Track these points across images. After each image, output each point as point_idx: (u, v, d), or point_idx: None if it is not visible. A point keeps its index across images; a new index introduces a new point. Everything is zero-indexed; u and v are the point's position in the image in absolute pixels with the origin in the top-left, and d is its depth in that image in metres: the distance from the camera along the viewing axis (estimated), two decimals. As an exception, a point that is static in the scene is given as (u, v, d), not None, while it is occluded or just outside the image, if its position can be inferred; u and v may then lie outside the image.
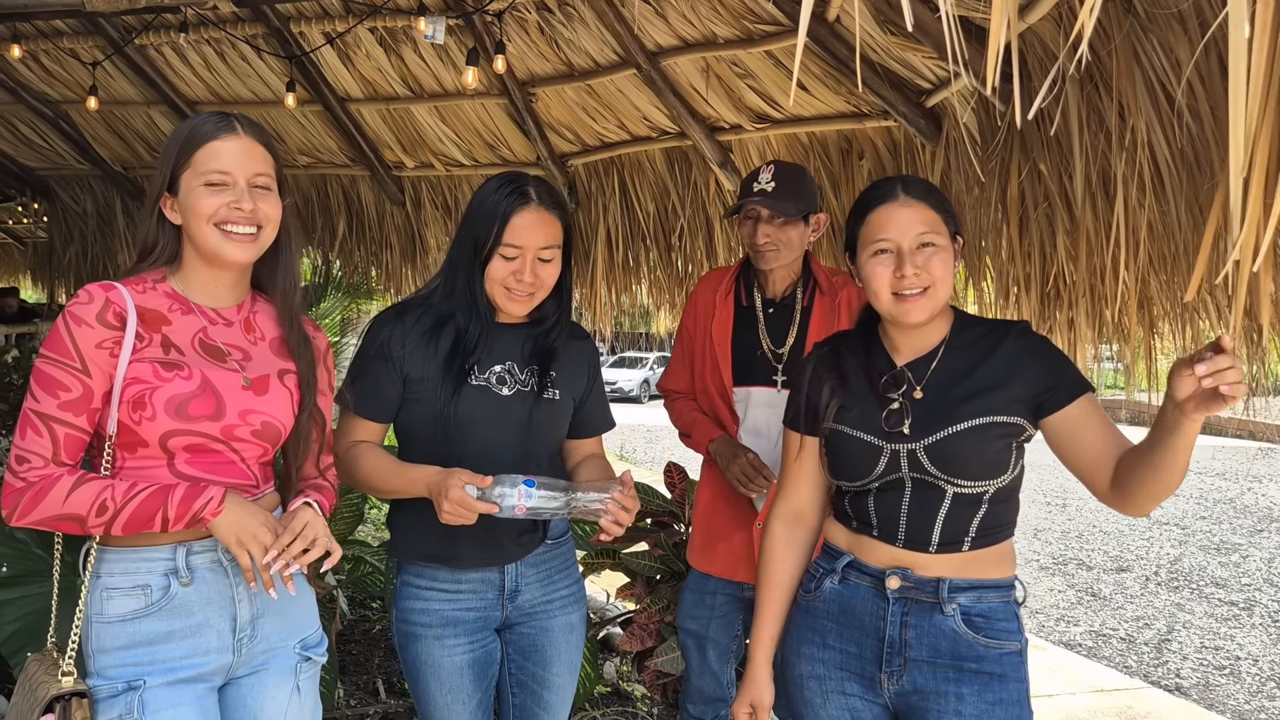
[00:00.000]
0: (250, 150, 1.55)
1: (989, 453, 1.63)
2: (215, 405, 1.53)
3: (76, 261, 6.94)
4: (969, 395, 1.65)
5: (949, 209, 1.70)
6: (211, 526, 1.47)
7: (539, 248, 1.86)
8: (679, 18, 3.77)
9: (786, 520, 1.84)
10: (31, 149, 6.35)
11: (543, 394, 1.92)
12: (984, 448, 1.63)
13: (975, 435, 1.63)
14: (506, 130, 4.89)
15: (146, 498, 1.45)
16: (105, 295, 1.49)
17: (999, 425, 1.63)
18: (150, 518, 1.45)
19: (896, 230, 1.66)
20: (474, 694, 1.93)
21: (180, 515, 1.45)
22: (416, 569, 1.93)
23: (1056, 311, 2.86)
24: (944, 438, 1.63)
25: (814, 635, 1.76)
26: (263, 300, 1.69)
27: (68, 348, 1.47)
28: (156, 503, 1.45)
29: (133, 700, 1.47)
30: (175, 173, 1.54)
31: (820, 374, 1.78)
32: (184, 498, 1.45)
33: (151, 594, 1.51)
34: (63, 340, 1.47)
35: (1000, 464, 1.65)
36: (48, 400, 1.46)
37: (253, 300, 1.67)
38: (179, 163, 1.54)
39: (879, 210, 1.69)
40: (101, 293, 1.49)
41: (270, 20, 4.61)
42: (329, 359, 1.76)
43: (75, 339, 1.47)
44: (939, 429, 1.64)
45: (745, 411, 2.46)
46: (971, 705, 1.63)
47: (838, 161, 4.02)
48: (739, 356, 2.45)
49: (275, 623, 1.62)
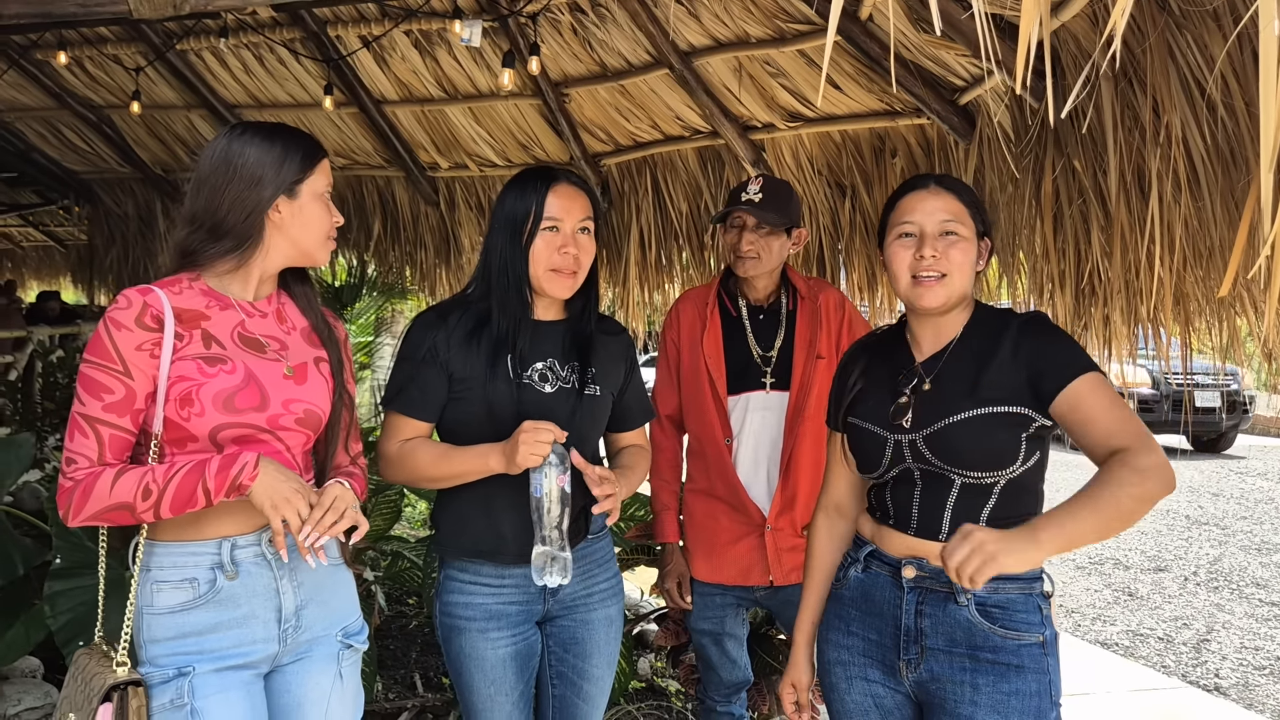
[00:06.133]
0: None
1: (991, 443, 1.64)
2: (260, 396, 1.58)
3: (118, 264, 7.07)
4: (970, 386, 1.67)
5: (980, 208, 1.74)
6: (250, 493, 1.50)
7: (578, 219, 1.94)
8: (712, 18, 3.79)
9: (828, 512, 1.93)
10: (75, 153, 6.48)
11: (584, 390, 1.96)
12: (985, 438, 1.64)
13: (974, 425, 1.64)
14: (540, 130, 4.93)
15: (185, 474, 1.49)
16: (142, 299, 1.54)
17: (1001, 415, 1.64)
18: (192, 493, 1.49)
19: (921, 214, 1.71)
20: (516, 686, 1.96)
21: (220, 485, 1.49)
22: (460, 564, 1.97)
23: (1092, 308, 2.85)
24: (942, 428, 1.66)
25: (840, 622, 1.81)
26: (285, 293, 1.76)
27: (109, 351, 1.52)
28: (195, 477, 1.49)
29: (183, 686, 1.52)
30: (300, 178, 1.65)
31: (847, 370, 1.85)
32: (220, 467, 1.49)
33: (199, 587, 1.56)
34: (104, 344, 1.52)
35: (1007, 455, 1.65)
36: (92, 403, 1.51)
37: (278, 294, 1.73)
38: (304, 171, 1.65)
39: (908, 197, 1.75)
40: (139, 297, 1.54)
41: (308, 24, 4.68)
42: (348, 347, 1.82)
43: (116, 342, 1.52)
44: (938, 420, 1.67)
45: (742, 419, 2.49)
46: (987, 695, 1.64)
47: (870, 159, 4.02)
48: (731, 366, 2.49)
49: (318, 612, 1.67)
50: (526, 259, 1.93)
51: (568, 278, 1.94)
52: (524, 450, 1.76)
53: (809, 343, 2.47)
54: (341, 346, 1.75)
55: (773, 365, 2.48)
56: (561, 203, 1.92)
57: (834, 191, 4.21)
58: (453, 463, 1.89)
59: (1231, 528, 7.65)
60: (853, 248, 4.20)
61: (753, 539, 2.47)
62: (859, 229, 4.16)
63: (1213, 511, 8.22)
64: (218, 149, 1.65)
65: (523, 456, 1.76)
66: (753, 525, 2.48)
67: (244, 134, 1.66)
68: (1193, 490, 9.09)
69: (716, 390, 2.47)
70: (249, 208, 1.62)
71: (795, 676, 1.91)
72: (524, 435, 1.76)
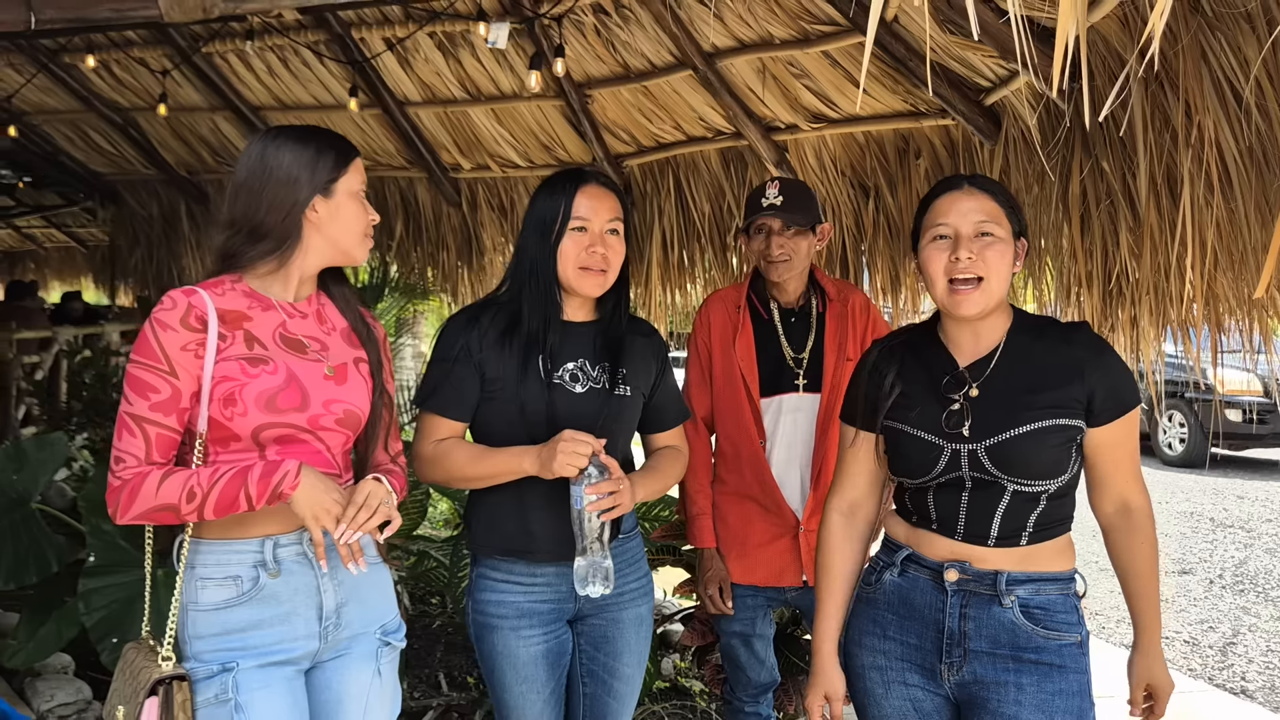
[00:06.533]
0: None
1: (1049, 454, 1.66)
2: (301, 397, 1.60)
3: (142, 264, 7.14)
4: (1030, 397, 1.67)
5: (1015, 208, 1.72)
6: (291, 502, 1.53)
7: (606, 220, 1.96)
8: (735, 19, 3.79)
9: (843, 512, 1.88)
10: (101, 155, 6.55)
11: (614, 390, 1.97)
12: (1045, 449, 1.65)
13: (1036, 437, 1.65)
14: (562, 132, 4.95)
15: (229, 480, 1.52)
16: (187, 300, 1.57)
17: (1060, 428, 1.66)
18: (234, 498, 1.52)
19: (956, 216, 1.69)
20: (547, 683, 1.98)
21: (261, 492, 1.52)
22: (493, 562, 1.99)
23: (1119, 310, 2.84)
24: (1005, 439, 1.66)
25: (875, 627, 1.80)
26: (325, 294, 1.78)
27: (155, 351, 1.55)
28: (238, 483, 1.52)
29: (227, 681, 1.55)
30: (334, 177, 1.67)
31: (881, 370, 1.81)
32: (262, 474, 1.52)
33: (242, 584, 1.58)
34: (150, 345, 1.55)
35: (1060, 464, 1.67)
36: (139, 402, 1.54)
37: (318, 295, 1.76)
38: (336, 173, 1.67)
39: (942, 198, 1.73)
40: (183, 298, 1.57)
41: (332, 27, 4.71)
42: (387, 348, 1.84)
43: (161, 343, 1.54)
44: (1001, 431, 1.66)
45: (775, 421, 2.50)
46: (1031, 695, 1.65)
47: (894, 160, 4.02)
48: (764, 369, 2.50)
49: (358, 610, 1.69)
50: (555, 259, 1.95)
51: (597, 276, 1.96)
52: (561, 459, 1.78)
53: (839, 345, 2.48)
54: (380, 347, 1.78)
55: (805, 367, 2.49)
56: (590, 203, 1.95)
57: (857, 192, 4.21)
58: (487, 464, 1.91)
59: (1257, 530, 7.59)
60: (876, 249, 4.20)
61: (786, 540, 2.48)
62: (882, 230, 4.16)
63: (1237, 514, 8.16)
64: (254, 153, 1.68)
65: (559, 465, 1.79)
66: (786, 527, 2.49)
67: (278, 137, 1.69)
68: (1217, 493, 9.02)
69: (750, 393, 2.48)
70: (286, 208, 1.64)
71: (829, 686, 1.82)
72: (563, 445, 1.78)
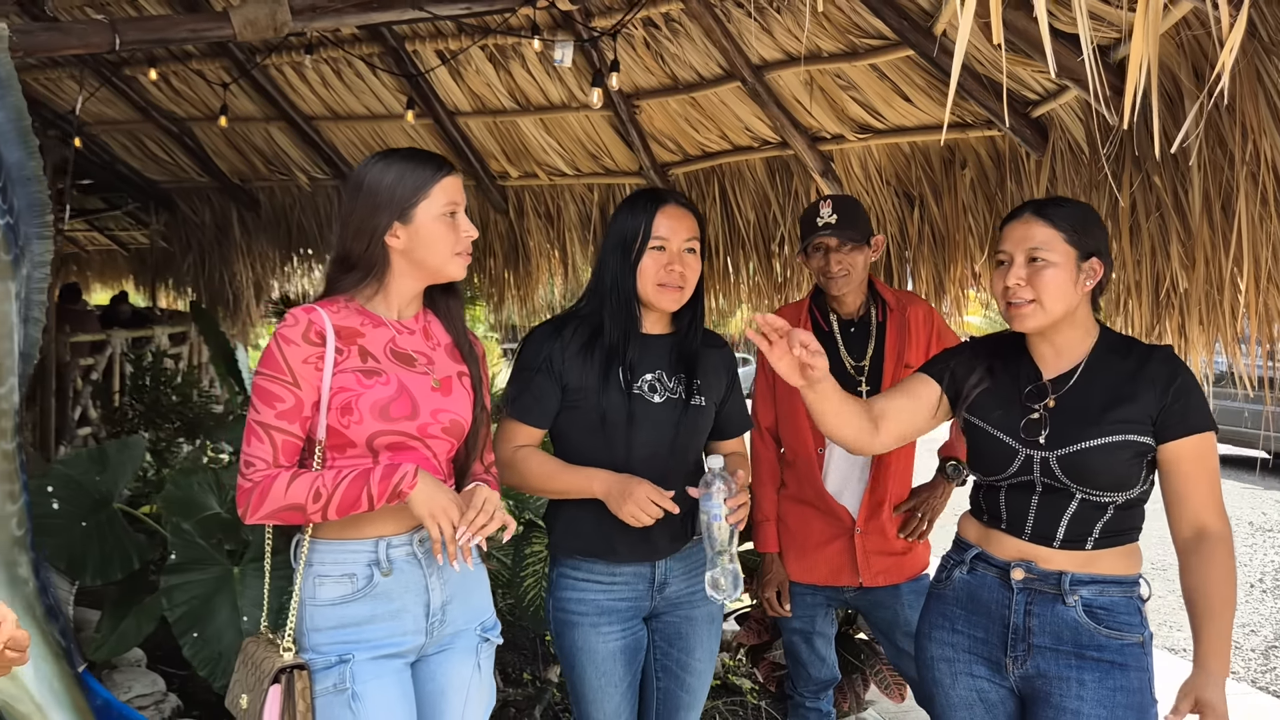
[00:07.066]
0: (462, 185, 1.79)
1: (1119, 467, 1.74)
2: (411, 407, 1.71)
3: (194, 269, 7.31)
4: (1104, 413, 1.76)
5: (1083, 230, 1.80)
6: (409, 500, 1.63)
7: (684, 239, 2.06)
8: (784, 33, 3.87)
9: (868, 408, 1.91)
10: (156, 163, 6.72)
11: (690, 400, 2.07)
12: (1114, 463, 1.74)
13: (1107, 451, 1.74)
14: (610, 141, 5.05)
15: (351, 481, 1.62)
16: (307, 317, 1.68)
17: (1130, 444, 1.74)
18: (357, 498, 1.62)
19: (1012, 243, 1.82)
20: (624, 678, 2.08)
21: (382, 492, 1.62)
22: (574, 562, 2.10)
23: (1167, 320, 2.90)
24: (1077, 450, 1.75)
25: (944, 621, 1.91)
26: (432, 311, 1.87)
27: (280, 364, 1.66)
28: (360, 484, 1.62)
29: (345, 671, 1.66)
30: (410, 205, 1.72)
31: (975, 359, 1.93)
32: (383, 475, 1.63)
33: (357, 581, 1.69)
34: (275, 358, 1.66)
35: (1130, 478, 1.76)
36: (266, 411, 1.66)
37: (424, 312, 1.85)
38: (416, 197, 1.72)
39: (1007, 226, 1.86)
40: (304, 315, 1.68)
41: (387, 40, 4.84)
42: (486, 364, 1.93)
43: (285, 356, 1.66)
44: (1074, 442, 1.76)
45: None
46: (1093, 690, 1.74)
47: (940, 170, 4.09)
48: None
49: (460, 608, 1.80)
50: (635, 275, 2.05)
51: (674, 292, 2.06)
52: (631, 509, 1.90)
53: (898, 353, 2.56)
54: (480, 363, 1.87)
55: (865, 375, 2.58)
56: (669, 223, 2.05)
57: (901, 202, 4.28)
58: (561, 480, 2.03)
59: (1295, 534, 7.58)
60: (920, 257, 4.27)
61: (842, 541, 2.58)
62: (926, 239, 4.23)
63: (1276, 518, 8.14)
64: (350, 184, 1.77)
65: (627, 513, 1.91)
66: (843, 529, 2.58)
67: (373, 163, 1.76)
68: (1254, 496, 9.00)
69: None
70: (367, 237, 1.73)
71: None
72: (639, 499, 1.90)
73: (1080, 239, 1.79)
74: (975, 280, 4.19)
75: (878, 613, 2.64)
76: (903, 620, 2.59)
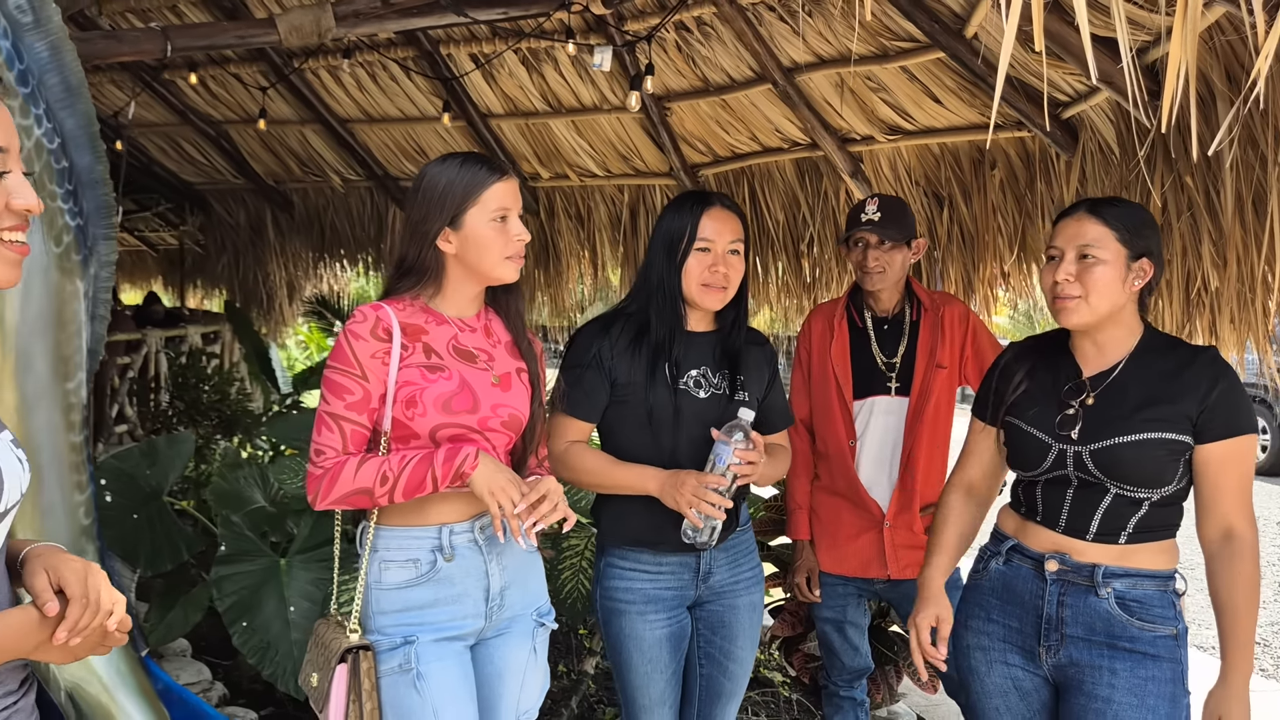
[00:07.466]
0: (517, 189, 1.83)
1: (1153, 464, 1.78)
2: (473, 401, 1.78)
3: (229, 269, 7.44)
4: (1142, 410, 1.80)
5: (1136, 230, 1.82)
6: (470, 481, 1.69)
7: (728, 241, 2.12)
8: (815, 35, 3.93)
9: (960, 490, 2.08)
10: (193, 165, 6.85)
11: (734, 396, 2.13)
12: (1147, 459, 1.78)
13: (1139, 447, 1.78)
14: (640, 143, 5.11)
15: (416, 464, 1.69)
16: (375, 314, 1.75)
17: (1165, 441, 1.78)
18: (422, 481, 1.69)
19: (1063, 239, 1.86)
20: (669, 664, 2.15)
21: (445, 473, 1.69)
22: (621, 552, 2.16)
23: (1198, 318, 2.94)
24: (1110, 446, 1.79)
25: (980, 610, 1.96)
26: (493, 309, 1.94)
27: (349, 358, 1.73)
28: (425, 467, 1.69)
29: (409, 652, 1.73)
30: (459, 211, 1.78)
31: (1012, 369, 1.98)
32: (446, 458, 1.69)
33: (421, 567, 1.77)
34: (345, 352, 1.74)
35: (1165, 475, 1.79)
36: (336, 402, 1.73)
37: (486, 310, 1.92)
38: (465, 203, 1.78)
39: (1060, 222, 1.90)
40: (372, 312, 1.75)
41: (422, 44, 4.93)
42: (543, 361, 2.00)
43: (355, 351, 1.73)
44: (1107, 437, 1.80)
45: (866, 421, 2.66)
46: (1124, 679, 1.79)
47: (969, 171, 4.13)
48: (857, 372, 2.66)
49: (518, 593, 1.87)
50: (680, 275, 2.12)
51: (718, 292, 2.12)
52: (689, 500, 1.95)
53: (930, 352, 2.62)
54: (538, 360, 1.94)
55: (897, 371, 2.64)
56: (714, 225, 2.11)
57: (931, 202, 4.33)
58: (613, 476, 2.09)
59: (1323, 535, 7.55)
60: (949, 257, 4.32)
61: (872, 534, 2.64)
62: (955, 239, 4.28)
63: (1303, 518, 8.11)
64: (413, 186, 1.83)
65: (682, 506, 1.97)
66: (873, 521, 2.64)
67: (431, 167, 1.81)
68: (1280, 496, 8.96)
69: (843, 394, 2.63)
70: (419, 243, 1.80)
71: (940, 610, 1.96)
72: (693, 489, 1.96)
73: (1132, 239, 1.82)
74: (1005, 280, 4.23)
75: (907, 605, 2.69)
76: None
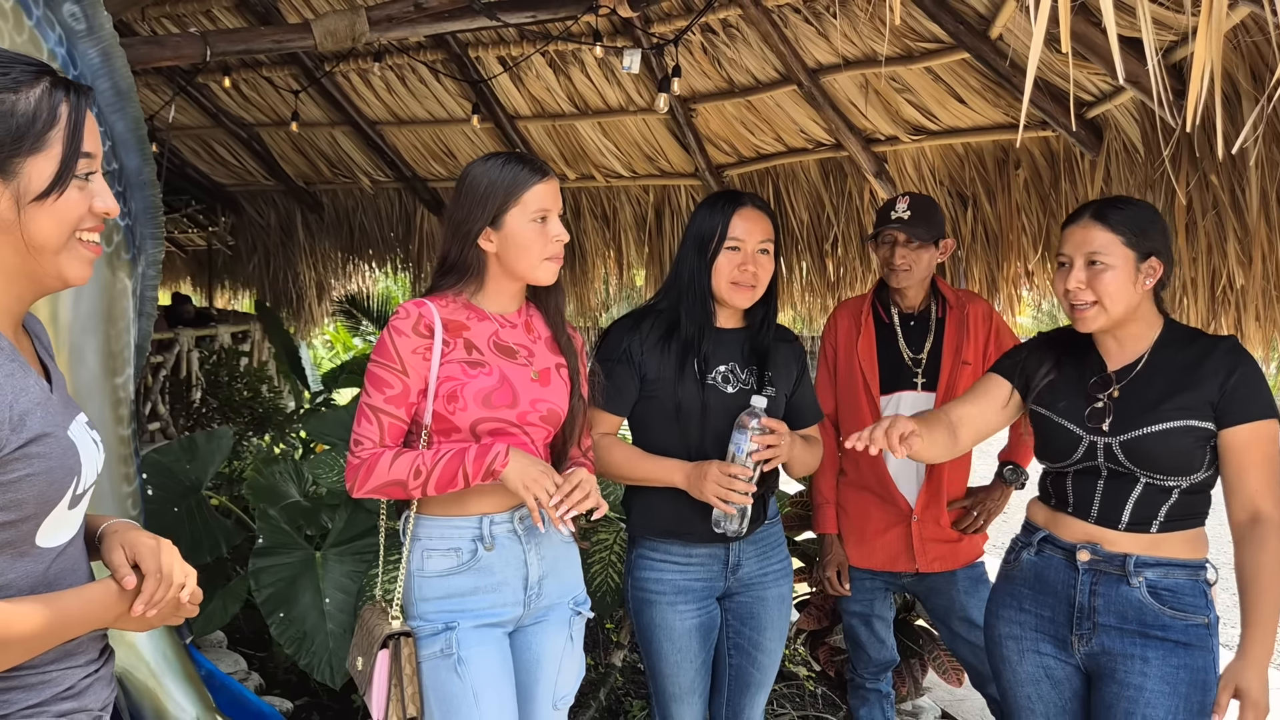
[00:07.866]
0: (557, 190, 1.87)
1: (1180, 452, 1.82)
2: (512, 396, 1.83)
3: (259, 269, 7.54)
4: (1166, 400, 1.83)
5: (1142, 232, 1.85)
6: (503, 477, 1.74)
7: (758, 240, 2.16)
8: (841, 37, 3.97)
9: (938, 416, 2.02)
10: (225, 167, 6.96)
11: (761, 392, 2.18)
12: (1175, 447, 1.82)
13: (1168, 436, 1.82)
14: (666, 143, 5.17)
15: (448, 460, 1.74)
16: (418, 311, 1.80)
17: (1190, 429, 1.82)
18: (454, 476, 1.74)
19: (1072, 247, 1.89)
20: (699, 654, 2.20)
21: (477, 470, 1.73)
22: (652, 543, 2.21)
23: (1223, 315, 2.96)
24: (1139, 436, 1.83)
25: (1012, 600, 2.00)
26: (534, 305, 1.99)
27: (391, 353, 1.79)
28: (456, 463, 1.74)
29: (450, 638, 1.79)
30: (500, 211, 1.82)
31: (1044, 352, 2.02)
32: (477, 455, 1.74)
33: (462, 555, 1.82)
34: (387, 347, 1.79)
35: (1193, 462, 1.83)
36: (376, 395, 1.79)
37: (527, 306, 1.97)
38: (506, 203, 1.82)
39: (1067, 229, 1.93)
40: (415, 309, 1.81)
41: (451, 47, 5.00)
42: (584, 356, 2.04)
43: (396, 346, 1.79)
44: (1136, 427, 1.84)
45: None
46: (1156, 667, 1.82)
47: (993, 171, 4.16)
48: (884, 367, 2.70)
49: (555, 583, 1.92)
50: (710, 273, 2.16)
51: (747, 291, 2.17)
52: (714, 490, 2.00)
53: (956, 348, 2.65)
54: (579, 355, 1.98)
55: (923, 367, 2.67)
56: (744, 224, 2.15)
57: (955, 201, 4.36)
58: (642, 468, 2.14)
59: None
60: (973, 256, 4.34)
61: (900, 528, 2.67)
62: (979, 238, 4.30)
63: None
64: (457, 184, 1.88)
65: (708, 493, 2.01)
66: (900, 516, 2.67)
67: (474, 166, 1.85)
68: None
69: (870, 389, 2.67)
70: (461, 242, 1.84)
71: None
72: (718, 479, 2.00)
73: (1138, 241, 1.85)
74: (1029, 279, 4.25)
75: (934, 598, 2.73)
76: (958, 606, 2.69)
